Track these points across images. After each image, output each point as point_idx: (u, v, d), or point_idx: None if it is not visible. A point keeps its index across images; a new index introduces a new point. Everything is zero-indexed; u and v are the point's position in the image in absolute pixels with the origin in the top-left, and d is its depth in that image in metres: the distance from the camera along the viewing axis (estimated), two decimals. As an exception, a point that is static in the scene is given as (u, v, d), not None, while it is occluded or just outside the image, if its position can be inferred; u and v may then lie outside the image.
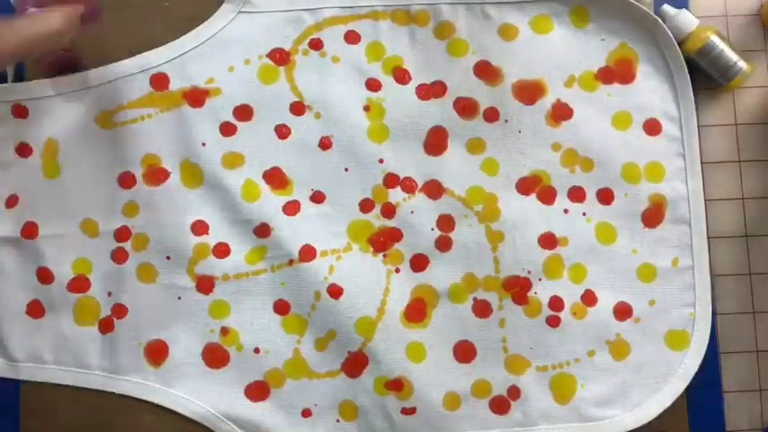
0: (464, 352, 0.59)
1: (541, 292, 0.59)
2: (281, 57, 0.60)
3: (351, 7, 0.61)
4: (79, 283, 0.59)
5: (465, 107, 0.60)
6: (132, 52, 0.60)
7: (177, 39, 0.60)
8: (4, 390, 0.59)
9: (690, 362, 0.58)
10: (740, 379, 0.60)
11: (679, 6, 0.60)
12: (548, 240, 0.59)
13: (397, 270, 0.59)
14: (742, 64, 0.59)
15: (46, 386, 0.59)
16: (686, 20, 0.59)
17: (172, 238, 0.59)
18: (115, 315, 0.59)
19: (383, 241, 0.59)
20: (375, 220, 0.60)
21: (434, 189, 0.60)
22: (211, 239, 0.59)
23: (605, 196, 0.60)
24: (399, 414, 0.58)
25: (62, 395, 0.59)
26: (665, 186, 0.60)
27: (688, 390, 0.58)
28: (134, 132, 0.60)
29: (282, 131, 0.60)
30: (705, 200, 0.60)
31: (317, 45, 0.60)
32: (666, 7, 0.60)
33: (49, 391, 0.59)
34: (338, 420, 0.58)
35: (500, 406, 0.58)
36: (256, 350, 0.59)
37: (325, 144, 0.60)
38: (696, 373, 0.58)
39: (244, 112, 0.60)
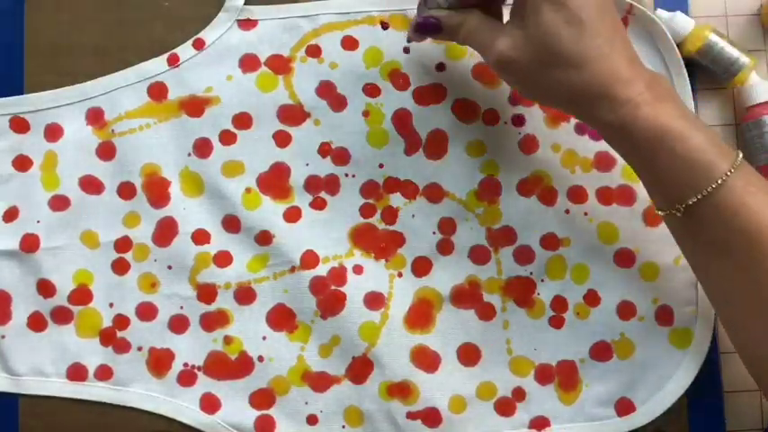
0: (468, 355, 0.59)
1: (544, 293, 0.59)
2: (279, 64, 0.60)
3: (347, 13, 0.61)
4: (80, 295, 0.59)
5: (464, 110, 0.60)
6: (132, 52, 0.60)
7: (177, 39, 0.60)
8: (3, 393, 0.59)
9: (692, 360, 0.58)
10: (740, 379, 0.59)
11: (679, 7, 0.60)
12: (549, 241, 0.59)
13: (400, 274, 0.59)
14: (744, 58, 0.59)
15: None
16: (681, 22, 0.59)
17: (173, 247, 0.59)
18: (117, 326, 0.59)
19: (385, 246, 0.59)
20: (377, 224, 0.60)
21: (435, 193, 0.60)
22: (213, 248, 0.59)
23: (606, 196, 0.60)
24: (405, 419, 0.58)
25: (62, 398, 0.59)
26: (666, 186, 0.60)
27: (688, 389, 0.58)
28: (133, 142, 0.60)
29: (282, 138, 0.60)
30: (705, 199, 0.60)
31: (314, 52, 0.60)
32: (660, 11, 0.60)
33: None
34: (344, 426, 0.58)
35: (505, 408, 0.58)
36: (260, 358, 0.58)
37: (324, 150, 0.60)
38: (696, 373, 0.58)
39: (243, 121, 0.60)
